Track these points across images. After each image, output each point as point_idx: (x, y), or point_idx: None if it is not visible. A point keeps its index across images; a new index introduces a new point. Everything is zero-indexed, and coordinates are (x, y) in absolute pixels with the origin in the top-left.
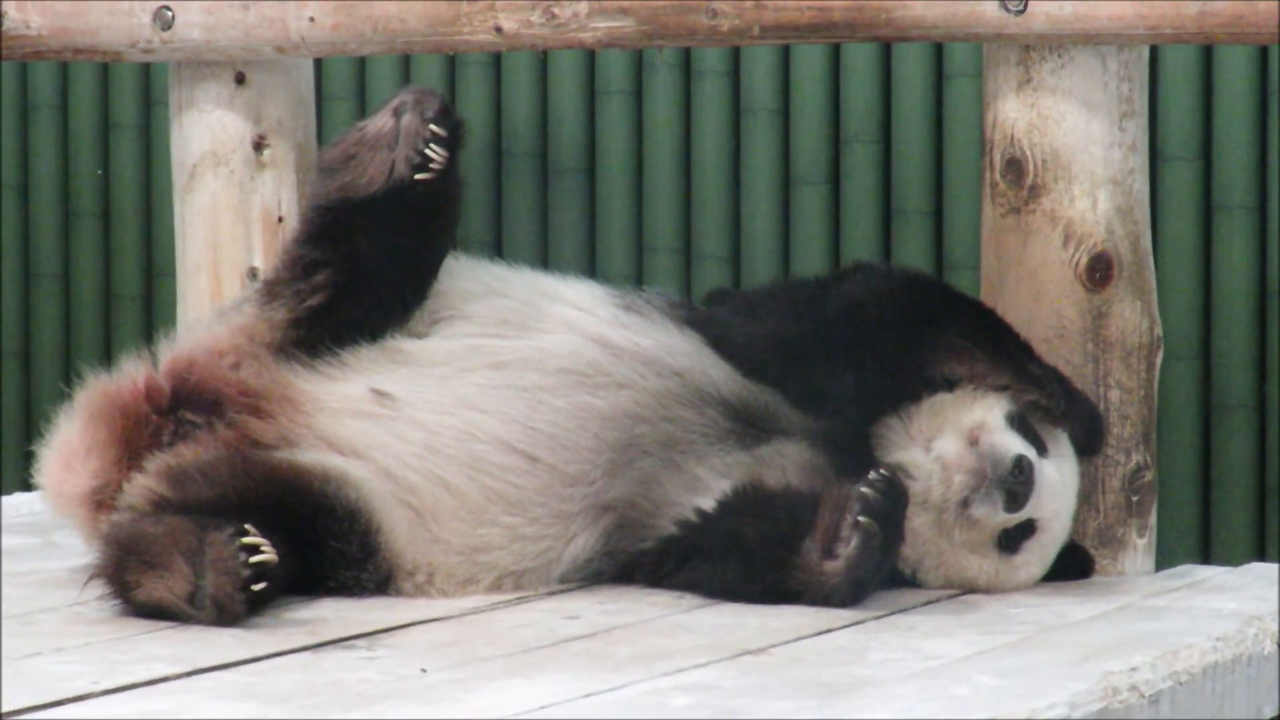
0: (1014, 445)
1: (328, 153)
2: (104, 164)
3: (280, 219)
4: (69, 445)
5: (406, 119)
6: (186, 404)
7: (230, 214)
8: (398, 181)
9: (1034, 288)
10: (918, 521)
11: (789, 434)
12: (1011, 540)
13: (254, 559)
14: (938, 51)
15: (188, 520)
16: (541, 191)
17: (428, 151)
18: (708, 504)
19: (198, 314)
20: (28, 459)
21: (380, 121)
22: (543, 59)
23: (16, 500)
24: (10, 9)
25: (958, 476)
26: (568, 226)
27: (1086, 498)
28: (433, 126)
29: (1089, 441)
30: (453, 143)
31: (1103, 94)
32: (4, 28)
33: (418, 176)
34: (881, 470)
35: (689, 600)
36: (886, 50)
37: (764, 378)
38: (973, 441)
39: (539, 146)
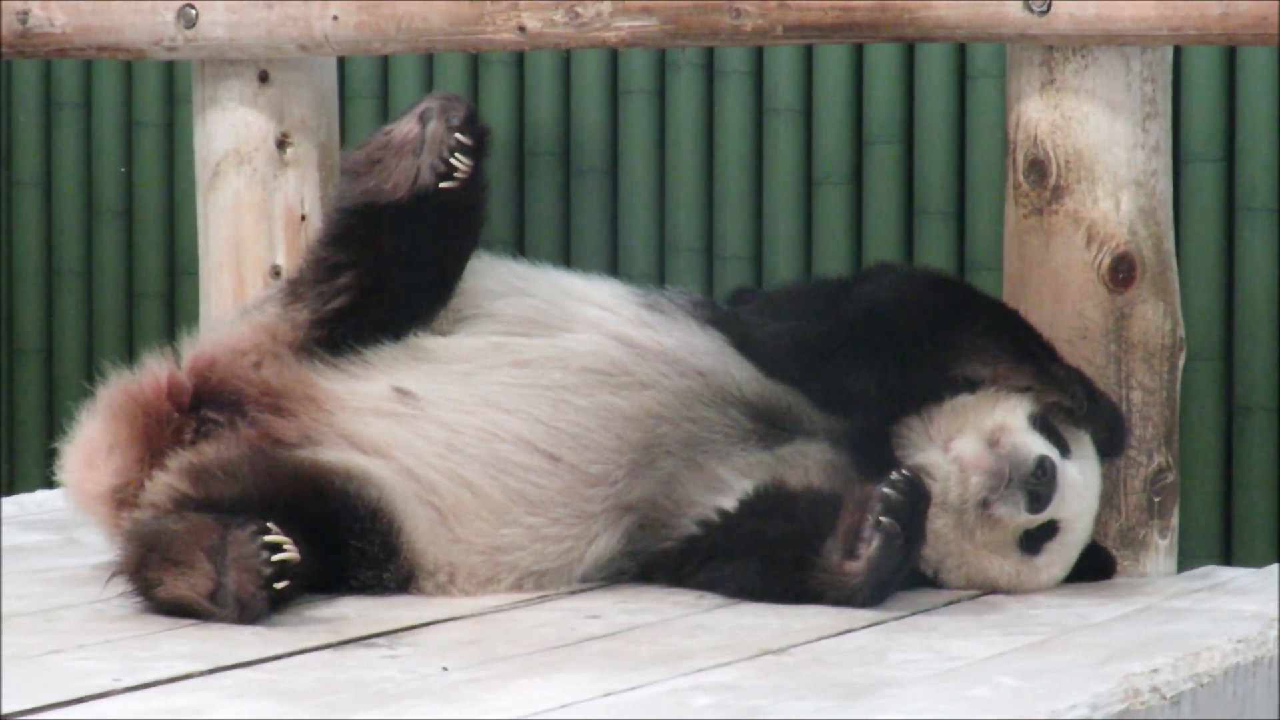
0: (1037, 446)
1: (352, 155)
2: (127, 162)
3: (303, 217)
4: (91, 443)
5: (432, 126)
6: (208, 402)
7: (253, 212)
8: (422, 189)
9: (1056, 289)
10: (939, 522)
11: (811, 434)
12: (1033, 541)
13: (276, 557)
14: (961, 52)
15: (210, 518)
16: (564, 191)
17: (453, 160)
18: (729, 504)
19: (220, 312)
20: (50, 456)
21: (406, 127)
22: (565, 58)
23: (39, 497)
24: (34, 7)
25: (975, 477)
26: (590, 226)
27: (1108, 499)
28: (458, 135)
29: (1111, 443)
30: (478, 151)
31: (1126, 95)
32: (28, 26)
33: (442, 185)
34: (903, 471)
35: (710, 600)
36: (909, 50)
37: (786, 377)
38: (994, 443)
39: (561, 146)
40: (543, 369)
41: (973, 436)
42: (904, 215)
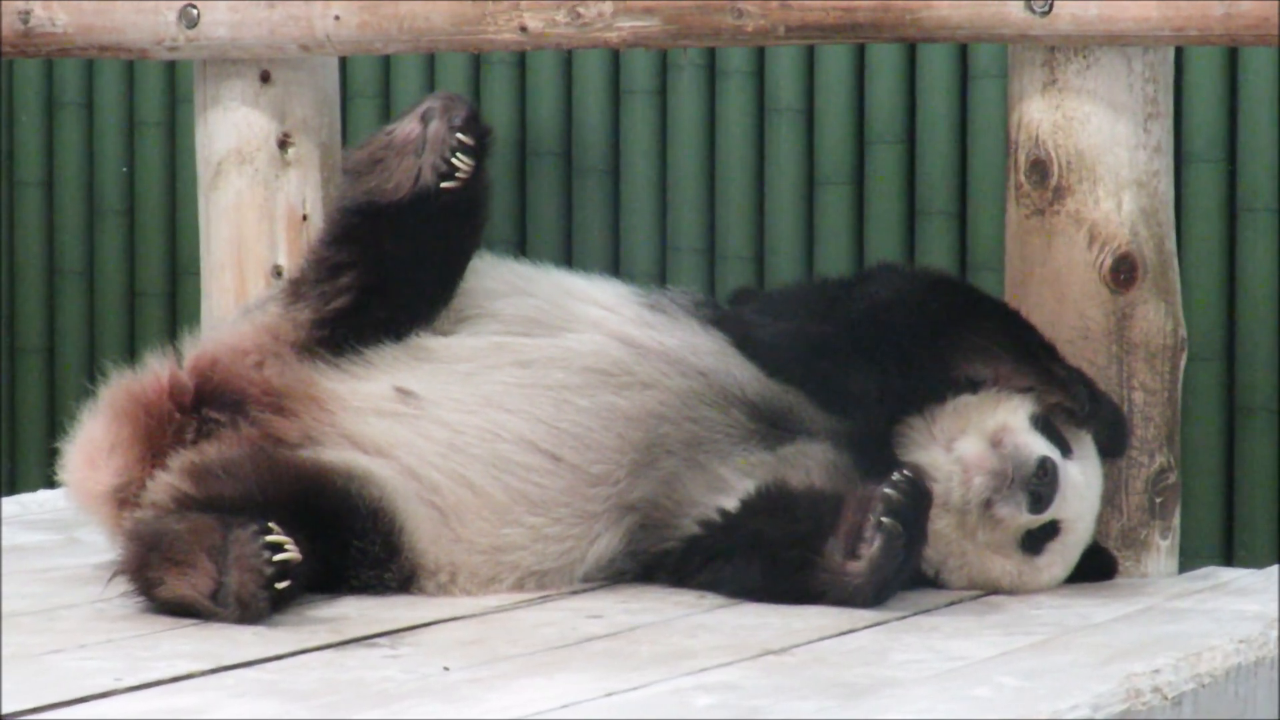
0: (1038, 446)
1: (354, 155)
2: (129, 161)
3: (305, 217)
4: (93, 442)
5: (434, 126)
6: (210, 402)
7: (255, 212)
8: (423, 189)
9: (1058, 289)
10: (941, 522)
11: (812, 434)
12: (1035, 541)
13: (277, 557)
14: (963, 52)
15: (211, 518)
16: (566, 191)
17: (454, 160)
18: (731, 504)
19: (222, 312)
20: (51, 456)
21: (407, 127)
22: (568, 58)
23: (40, 497)
24: (36, 7)
25: (978, 478)
26: (592, 226)
27: (1110, 499)
28: (459, 135)
29: (1113, 443)
30: (479, 151)
31: (1128, 95)
32: (30, 25)
33: (443, 185)
34: (905, 471)
35: (711, 600)
36: (911, 51)
37: (788, 378)
38: (996, 443)
39: (563, 146)
40: (545, 369)
41: (975, 437)
42: (906, 215)
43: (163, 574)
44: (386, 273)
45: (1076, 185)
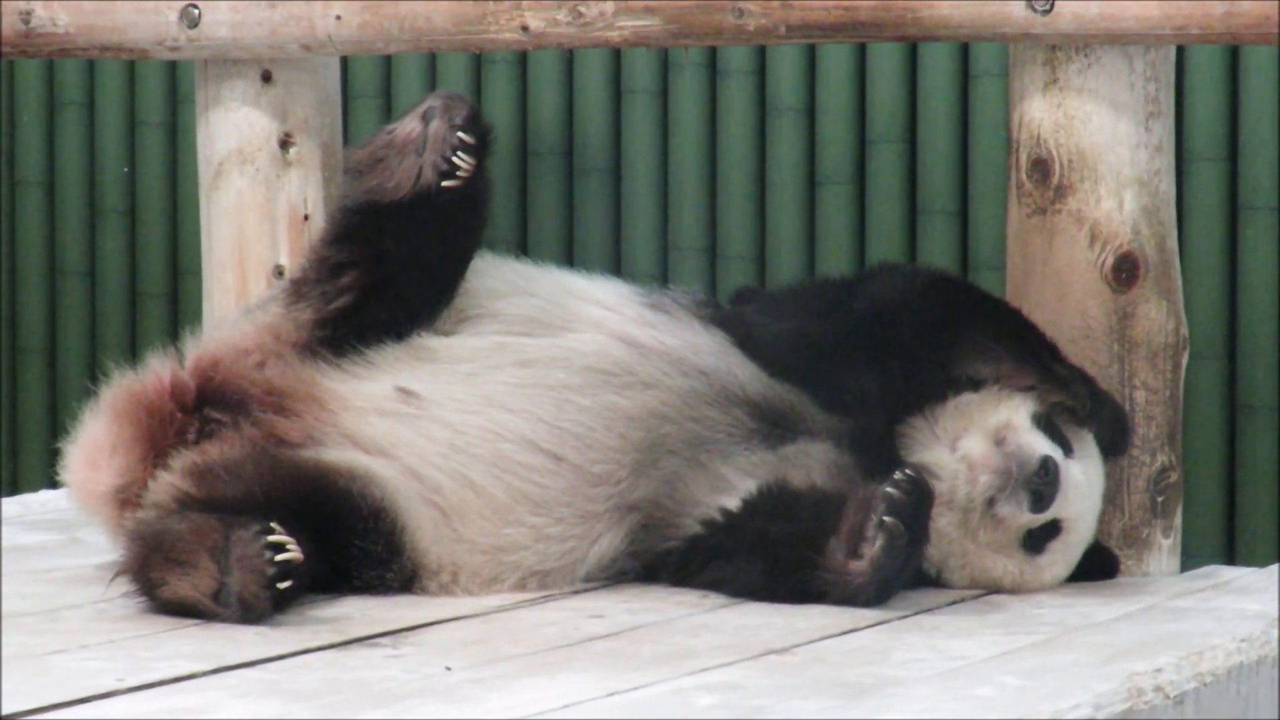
0: (1040, 446)
1: (355, 154)
2: (130, 162)
3: (306, 217)
4: (94, 443)
5: (434, 125)
6: (212, 402)
7: (256, 212)
8: (424, 188)
9: (1060, 288)
10: (943, 521)
11: (814, 434)
12: (1037, 541)
13: (279, 557)
14: (964, 51)
15: (213, 518)
16: (567, 191)
17: (455, 159)
18: (733, 503)
19: (223, 312)
20: (53, 456)
21: (408, 126)
22: (569, 58)
23: (42, 497)
24: (37, 7)
25: (983, 476)
26: (593, 226)
27: (1111, 498)
28: (461, 134)
29: (1115, 442)
30: (480, 149)
31: (1129, 94)
32: (31, 26)
33: (444, 184)
34: (906, 470)
35: (713, 600)
36: (912, 50)
37: (789, 377)
38: (999, 442)
39: (565, 145)
40: (546, 369)
41: (979, 435)
42: (907, 215)
43: (165, 574)
44: (388, 272)
45: (1078, 184)
